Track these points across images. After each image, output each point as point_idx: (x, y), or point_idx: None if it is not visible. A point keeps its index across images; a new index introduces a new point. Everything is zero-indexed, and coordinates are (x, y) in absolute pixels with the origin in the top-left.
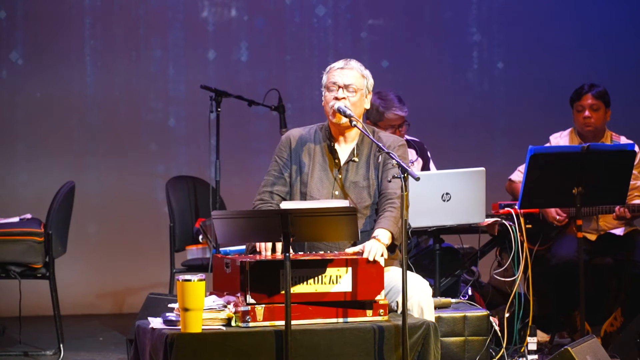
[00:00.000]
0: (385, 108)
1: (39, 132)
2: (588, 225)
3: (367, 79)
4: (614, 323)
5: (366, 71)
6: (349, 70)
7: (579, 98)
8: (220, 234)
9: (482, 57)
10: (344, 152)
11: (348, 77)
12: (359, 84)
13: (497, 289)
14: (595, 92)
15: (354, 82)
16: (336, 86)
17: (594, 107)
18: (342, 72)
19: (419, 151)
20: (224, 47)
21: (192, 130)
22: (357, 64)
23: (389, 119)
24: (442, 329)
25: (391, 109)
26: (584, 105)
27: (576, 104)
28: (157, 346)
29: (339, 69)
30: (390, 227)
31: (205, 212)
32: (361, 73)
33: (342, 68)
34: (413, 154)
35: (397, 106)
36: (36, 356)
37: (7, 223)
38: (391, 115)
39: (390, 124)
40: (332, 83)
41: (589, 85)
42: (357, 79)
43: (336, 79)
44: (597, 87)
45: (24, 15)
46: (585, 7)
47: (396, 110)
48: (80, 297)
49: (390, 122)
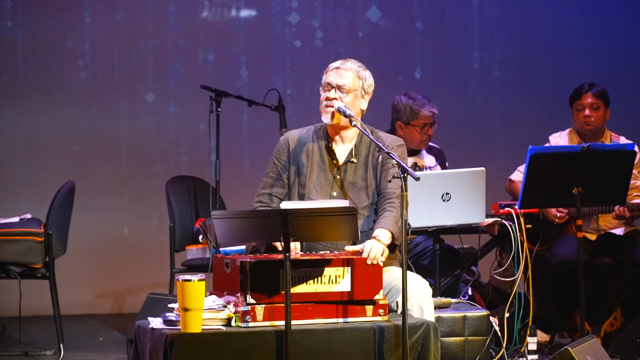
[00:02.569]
0: (419, 106)
1: (39, 131)
2: (588, 225)
3: (364, 80)
4: (614, 323)
5: (364, 72)
6: (344, 71)
7: (579, 97)
8: (220, 234)
9: (482, 57)
10: (342, 152)
11: (342, 77)
12: (352, 84)
13: (497, 289)
14: (595, 91)
15: (347, 83)
16: (330, 86)
17: (594, 106)
18: (337, 72)
19: (438, 158)
20: (224, 47)
21: (192, 130)
22: (354, 64)
23: (424, 116)
24: (442, 329)
25: (425, 106)
26: (584, 104)
27: (576, 103)
28: (157, 346)
29: (335, 69)
30: (390, 226)
31: (205, 212)
32: (357, 74)
33: (338, 68)
34: (432, 160)
35: (429, 104)
36: (36, 356)
37: (7, 223)
38: (426, 112)
39: (424, 121)
40: (326, 83)
41: (589, 85)
42: (352, 79)
43: (330, 79)
44: (597, 86)
45: (23, 16)
46: (586, 7)
47: (429, 107)
48: (80, 297)
49: (425, 120)
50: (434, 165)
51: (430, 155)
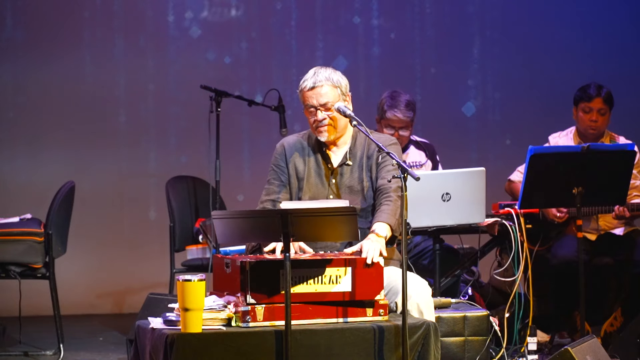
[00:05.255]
0: (389, 107)
1: (39, 131)
2: (588, 225)
3: (340, 85)
4: (614, 323)
5: (336, 75)
6: (320, 88)
7: (589, 100)
8: (220, 234)
9: (482, 57)
10: (337, 156)
11: (321, 95)
12: (333, 97)
13: (497, 289)
14: (604, 95)
15: (328, 99)
16: (314, 108)
17: (602, 112)
18: (313, 93)
19: (428, 153)
20: (224, 47)
21: (192, 130)
22: (324, 74)
23: (388, 119)
24: (442, 329)
25: (393, 109)
26: (593, 107)
27: (584, 104)
28: (157, 346)
29: (310, 90)
30: (387, 219)
31: (205, 212)
32: (332, 84)
33: (313, 88)
34: (422, 156)
35: (401, 109)
36: (36, 356)
37: (7, 223)
38: (390, 114)
39: (389, 124)
40: (309, 106)
41: (597, 87)
42: (330, 93)
43: (310, 101)
44: (605, 89)
45: (23, 16)
46: (586, 7)
47: (397, 112)
48: (80, 297)
49: (389, 122)
50: (424, 161)
51: (419, 151)
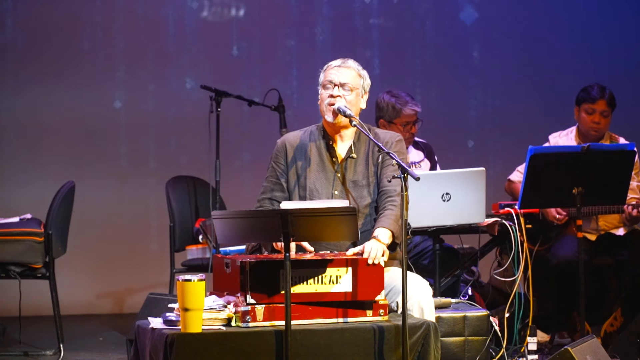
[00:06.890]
0: (401, 105)
1: (39, 132)
2: (588, 225)
3: (364, 79)
4: (614, 323)
5: (363, 71)
6: (346, 69)
7: (593, 101)
8: (220, 234)
9: (482, 57)
10: (341, 149)
11: (344, 75)
12: (355, 83)
13: (497, 289)
14: (608, 97)
15: (350, 80)
16: (332, 84)
17: (605, 114)
18: (339, 71)
19: (426, 153)
20: (225, 46)
21: (192, 130)
22: (354, 63)
23: (406, 115)
24: (442, 329)
25: (407, 105)
26: (596, 109)
27: (587, 105)
28: (157, 346)
29: (336, 67)
30: (390, 225)
31: (205, 212)
32: (358, 72)
33: (339, 66)
34: (420, 155)
35: (412, 102)
36: (36, 356)
37: (7, 223)
38: (408, 111)
39: (407, 120)
40: (328, 81)
41: (601, 89)
42: (354, 78)
43: (332, 77)
44: (608, 91)
45: (25, 22)
46: (586, 7)
47: (412, 105)
48: (80, 297)
49: (407, 119)
50: (421, 160)
51: (417, 150)
